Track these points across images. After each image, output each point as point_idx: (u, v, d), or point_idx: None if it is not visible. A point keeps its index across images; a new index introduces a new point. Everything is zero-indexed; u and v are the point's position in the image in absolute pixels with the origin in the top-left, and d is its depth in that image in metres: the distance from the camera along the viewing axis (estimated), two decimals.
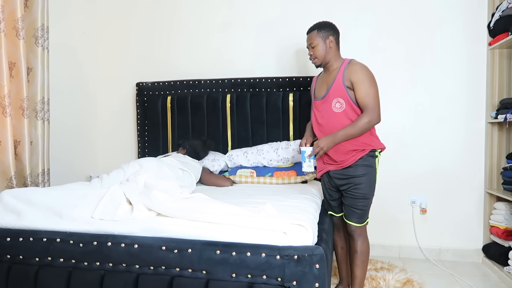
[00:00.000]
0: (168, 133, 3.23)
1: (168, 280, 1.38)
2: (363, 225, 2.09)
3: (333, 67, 2.13)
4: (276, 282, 1.31)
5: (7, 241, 1.50)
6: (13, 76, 2.36)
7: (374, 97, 2.01)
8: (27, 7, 2.45)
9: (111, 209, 1.57)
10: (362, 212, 2.07)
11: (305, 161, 2.05)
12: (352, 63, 2.07)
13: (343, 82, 2.04)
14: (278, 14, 3.15)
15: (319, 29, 2.13)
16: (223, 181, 2.71)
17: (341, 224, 2.26)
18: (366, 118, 1.98)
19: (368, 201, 2.07)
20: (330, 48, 2.11)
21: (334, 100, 2.06)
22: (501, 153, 2.83)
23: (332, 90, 2.07)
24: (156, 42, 3.36)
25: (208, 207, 1.52)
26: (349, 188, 2.06)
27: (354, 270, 2.11)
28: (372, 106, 1.99)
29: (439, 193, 2.99)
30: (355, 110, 2.04)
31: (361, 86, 2.00)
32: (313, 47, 2.13)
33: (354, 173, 2.04)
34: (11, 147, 2.29)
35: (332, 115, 2.07)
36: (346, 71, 2.04)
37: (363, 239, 2.10)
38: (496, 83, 2.81)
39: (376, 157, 2.09)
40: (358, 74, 2.01)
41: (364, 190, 2.04)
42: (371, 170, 2.06)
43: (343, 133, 2.00)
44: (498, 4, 2.71)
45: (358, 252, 2.09)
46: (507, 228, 2.67)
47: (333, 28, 2.15)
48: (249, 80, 3.08)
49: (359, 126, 1.99)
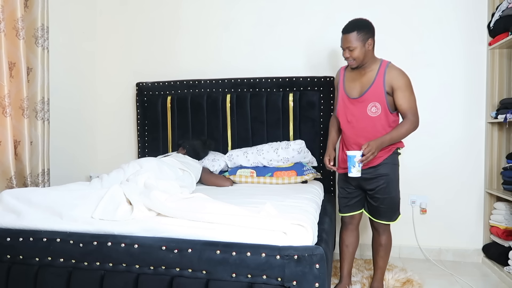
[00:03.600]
0: (168, 133, 3.23)
1: (168, 280, 1.38)
2: (395, 222, 2.17)
3: (369, 68, 2.09)
4: (276, 282, 1.31)
5: (7, 241, 1.50)
6: (13, 76, 2.36)
7: (415, 104, 2.07)
8: (27, 7, 2.45)
9: (111, 209, 1.57)
10: (392, 210, 2.14)
11: (354, 166, 1.97)
12: (392, 68, 2.06)
13: (383, 87, 2.03)
14: (279, 14, 3.15)
15: (359, 30, 2.02)
16: (223, 181, 2.71)
17: (354, 223, 2.29)
18: (412, 124, 2.03)
19: (396, 199, 2.15)
20: (369, 50, 2.05)
21: (371, 104, 2.05)
22: (501, 153, 2.83)
23: (370, 93, 2.05)
24: (156, 42, 3.36)
25: (208, 207, 1.52)
26: (376, 187, 2.11)
27: (378, 261, 2.24)
28: (414, 112, 2.05)
29: (439, 193, 2.99)
30: (388, 116, 2.07)
31: (404, 93, 2.03)
32: (351, 50, 2.03)
33: (381, 172, 2.10)
34: (11, 147, 2.29)
35: (365, 117, 2.08)
36: (387, 76, 2.03)
37: (388, 233, 2.22)
38: (496, 83, 2.81)
39: (399, 154, 2.16)
40: (401, 80, 2.02)
41: (391, 188, 2.11)
42: (395, 168, 2.15)
43: (389, 137, 2.02)
44: (498, 4, 2.71)
45: (383, 245, 2.21)
46: (507, 228, 2.67)
47: (372, 28, 2.07)
48: (249, 80, 3.08)
49: (404, 132, 2.04)
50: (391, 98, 2.06)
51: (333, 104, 2.93)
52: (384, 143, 2.01)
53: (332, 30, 3.02)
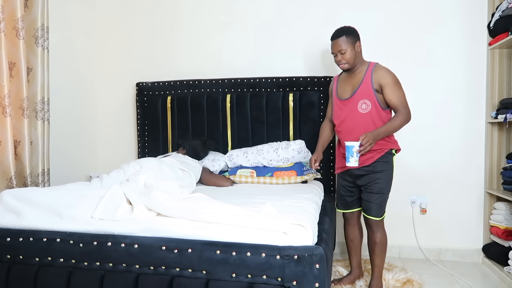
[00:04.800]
0: (168, 133, 3.23)
1: (168, 280, 1.38)
2: (381, 219, 2.25)
3: (358, 70, 2.26)
4: (276, 282, 1.31)
5: (7, 241, 1.50)
6: (13, 76, 2.36)
7: (404, 98, 2.18)
8: (27, 7, 2.45)
9: (111, 209, 1.57)
10: (379, 206, 2.23)
11: (352, 156, 2.05)
12: (379, 67, 2.22)
13: (371, 85, 2.18)
14: (279, 14, 3.15)
15: (347, 34, 2.21)
16: (223, 181, 2.71)
17: (354, 218, 2.42)
18: (404, 116, 2.14)
19: (384, 196, 2.25)
20: (358, 52, 2.23)
21: (361, 102, 2.20)
22: (501, 153, 2.83)
23: (359, 91, 2.20)
24: (156, 42, 3.36)
25: (208, 207, 1.52)
26: (368, 183, 2.22)
27: (374, 260, 2.29)
28: (405, 106, 2.16)
29: (439, 193, 2.99)
30: (379, 112, 2.19)
31: (392, 89, 2.16)
32: (342, 53, 2.20)
33: (374, 169, 2.20)
34: (11, 147, 2.29)
35: (357, 115, 2.21)
36: (375, 75, 2.19)
37: (382, 231, 2.27)
38: (496, 83, 2.81)
39: (393, 155, 2.25)
40: (388, 77, 2.17)
41: (382, 185, 2.21)
42: (389, 167, 2.23)
43: (385, 129, 2.13)
44: (498, 4, 2.71)
45: (377, 243, 2.27)
46: (507, 228, 2.67)
47: (357, 33, 2.26)
48: (249, 80, 3.08)
49: (398, 124, 2.14)
50: (381, 95, 2.19)
51: None
52: (380, 135, 2.11)
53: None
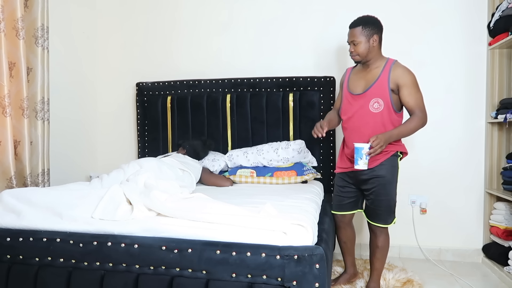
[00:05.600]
0: (168, 133, 3.23)
1: (168, 280, 1.38)
2: (390, 225, 2.14)
3: (374, 65, 2.11)
4: (276, 282, 1.31)
5: (7, 241, 1.50)
6: (13, 76, 2.36)
7: (422, 101, 2.06)
8: (27, 7, 2.45)
9: (111, 209, 1.57)
10: (388, 213, 2.11)
11: (361, 158, 1.93)
12: (397, 65, 2.07)
13: (388, 84, 2.04)
14: (279, 14, 3.15)
15: (364, 25, 2.05)
16: (223, 181, 2.71)
17: (345, 222, 2.31)
18: (420, 120, 2.02)
19: (392, 202, 2.12)
20: (373, 47, 2.07)
21: (373, 100, 2.05)
22: (501, 153, 2.83)
23: (373, 89, 2.06)
24: (156, 42, 3.36)
25: (208, 207, 1.53)
26: (373, 187, 2.09)
27: (374, 263, 2.22)
28: (422, 109, 2.04)
29: (439, 193, 2.99)
30: (391, 114, 2.06)
31: (410, 90, 2.02)
32: (355, 44, 2.06)
33: (378, 173, 2.07)
34: (11, 147, 2.29)
35: (367, 113, 2.08)
36: (392, 73, 2.03)
37: (385, 236, 2.18)
38: (496, 83, 2.81)
39: (398, 156, 2.13)
40: (407, 77, 2.03)
41: (389, 190, 2.08)
42: (394, 170, 2.10)
43: (398, 131, 2.01)
44: (498, 4, 2.71)
45: (379, 247, 2.19)
46: (507, 228, 2.67)
47: (378, 25, 2.09)
48: (249, 80, 3.08)
49: (412, 127, 2.02)
50: (396, 96, 2.06)
51: (333, 104, 2.93)
52: (392, 137, 2.00)
53: (333, 30, 3.04)
